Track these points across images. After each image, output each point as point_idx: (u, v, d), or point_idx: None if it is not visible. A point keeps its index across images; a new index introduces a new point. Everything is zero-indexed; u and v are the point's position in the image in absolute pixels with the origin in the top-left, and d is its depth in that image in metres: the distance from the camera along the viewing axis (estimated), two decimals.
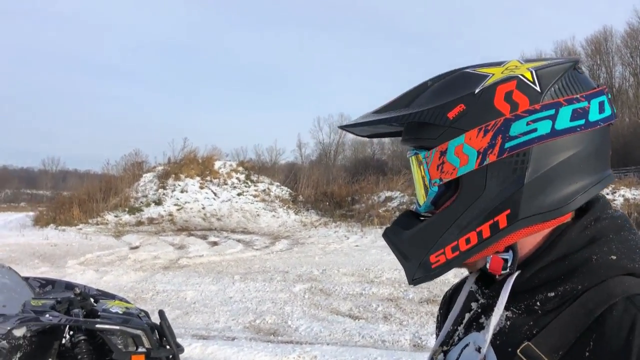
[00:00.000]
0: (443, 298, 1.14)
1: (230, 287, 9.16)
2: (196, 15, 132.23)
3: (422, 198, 0.92)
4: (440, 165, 0.86)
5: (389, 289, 8.89)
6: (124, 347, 3.23)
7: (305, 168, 46.72)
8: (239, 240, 16.00)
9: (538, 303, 0.80)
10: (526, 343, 0.77)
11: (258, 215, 21.17)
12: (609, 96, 0.85)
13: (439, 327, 1.11)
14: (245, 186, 23.23)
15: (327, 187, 25.25)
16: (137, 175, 22.70)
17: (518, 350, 0.77)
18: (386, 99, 0.94)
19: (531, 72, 0.81)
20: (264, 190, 23.35)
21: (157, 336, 3.44)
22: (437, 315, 1.15)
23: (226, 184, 22.86)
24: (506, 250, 0.84)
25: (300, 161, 63.36)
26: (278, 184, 25.04)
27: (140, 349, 3.26)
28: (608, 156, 0.86)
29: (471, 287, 0.95)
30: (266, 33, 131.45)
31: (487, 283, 0.91)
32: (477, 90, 0.83)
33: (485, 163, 0.82)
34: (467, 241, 0.85)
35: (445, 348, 0.96)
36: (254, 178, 24.27)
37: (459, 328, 0.95)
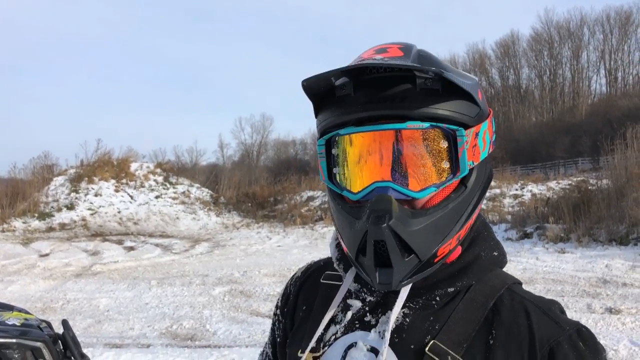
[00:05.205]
0: (284, 295, 1.10)
1: (147, 293, 8.85)
2: (107, 10, 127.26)
3: (422, 180, 0.77)
4: (473, 148, 0.79)
5: None
6: None
7: (227, 169, 46.22)
8: (156, 245, 15.52)
9: (437, 298, 0.81)
10: (432, 341, 0.77)
11: (177, 218, 20.65)
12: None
13: (281, 326, 1.06)
14: (164, 188, 22.58)
15: (249, 188, 25.07)
16: (47, 179, 21.48)
17: (427, 349, 0.77)
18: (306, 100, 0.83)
19: None
20: (184, 192, 22.81)
21: (61, 347, 3.26)
22: (278, 313, 1.09)
23: (143, 187, 22.11)
24: None
25: (222, 162, 62.68)
26: (198, 185, 24.50)
27: None
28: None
29: (350, 286, 0.89)
30: (182, 31, 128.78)
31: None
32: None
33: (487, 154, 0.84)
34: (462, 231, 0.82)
35: (316, 354, 0.88)
36: (173, 180, 23.65)
37: (333, 328, 0.89)
